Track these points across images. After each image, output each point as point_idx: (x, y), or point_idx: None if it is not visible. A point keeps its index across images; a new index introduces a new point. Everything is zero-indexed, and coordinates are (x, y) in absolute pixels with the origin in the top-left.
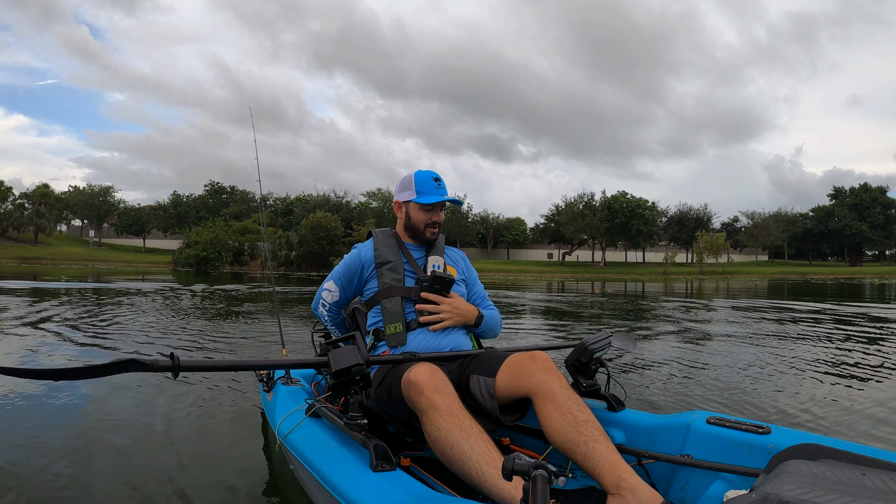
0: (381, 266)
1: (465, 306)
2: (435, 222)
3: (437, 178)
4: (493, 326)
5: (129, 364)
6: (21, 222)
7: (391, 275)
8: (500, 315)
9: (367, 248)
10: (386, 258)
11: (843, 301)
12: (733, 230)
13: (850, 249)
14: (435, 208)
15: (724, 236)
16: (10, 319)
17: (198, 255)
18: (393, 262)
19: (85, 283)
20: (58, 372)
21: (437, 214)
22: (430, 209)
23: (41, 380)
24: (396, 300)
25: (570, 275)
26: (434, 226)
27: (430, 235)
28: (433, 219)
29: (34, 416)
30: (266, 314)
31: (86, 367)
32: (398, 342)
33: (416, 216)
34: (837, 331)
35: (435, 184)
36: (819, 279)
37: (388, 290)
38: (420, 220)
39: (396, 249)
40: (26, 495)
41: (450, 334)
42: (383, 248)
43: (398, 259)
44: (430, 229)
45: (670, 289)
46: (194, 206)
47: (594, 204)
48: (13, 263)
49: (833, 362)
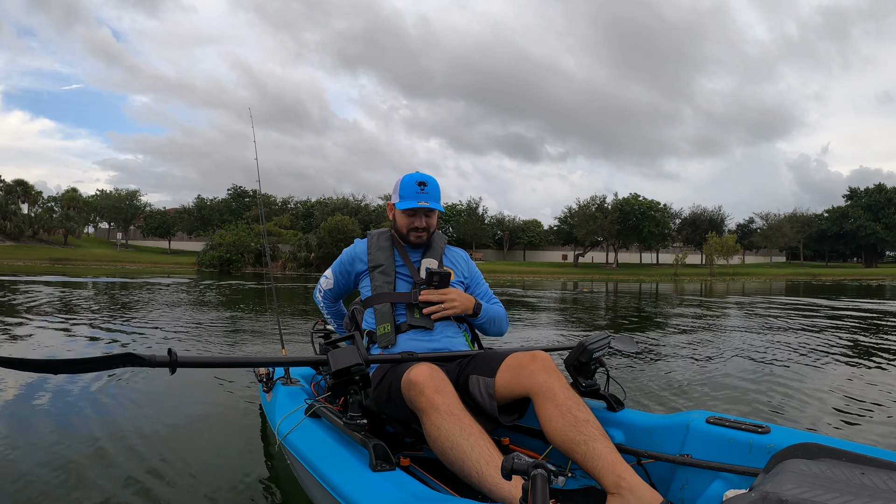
0: (373, 270)
1: (462, 296)
2: (418, 227)
3: (423, 182)
4: (496, 320)
5: (126, 358)
6: (51, 225)
7: (382, 278)
8: (505, 312)
9: (362, 247)
10: (377, 262)
11: (832, 297)
12: (748, 231)
13: (867, 251)
14: (417, 213)
15: (734, 238)
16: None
17: (221, 256)
18: (384, 266)
19: (121, 279)
20: (55, 364)
21: (420, 220)
22: (412, 214)
23: (39, 372)
24: (386, 304)
25: (580, 276)
26: (417, 231)
27: (415, 239)
28: (415, 224)
29: (30, 414)
30: (270, 313)
31: (83, 360)
32: (387, 342)
33: (400, 221)
34: (803, 322)
35: (418, 188)
36: (824, 280)
37: (379, 296)
38: (402, 224)
39: (390, 252)
40: (21, 494)
41: (441, 335)
42: (376, 252)
43: (390, 262)
44: (413, 234)
45: (672, 288)
46: (218, 209)
47: (606, 206)
48: (46, 264)
49: (797, 348)
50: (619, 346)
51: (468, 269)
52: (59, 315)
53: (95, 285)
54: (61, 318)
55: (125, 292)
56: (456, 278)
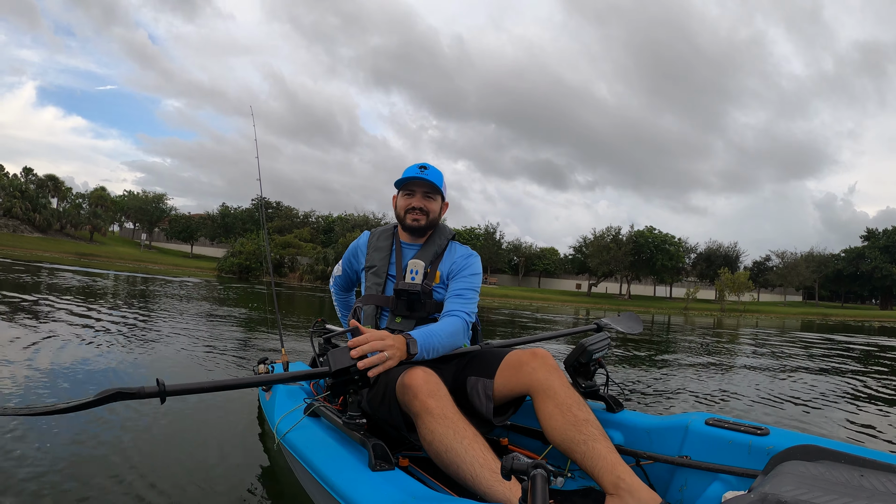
0: (368, 270)
1: (378, 343)
2: (414, 207)
3: (425, 166)
4: (441, 341)
5: (115, 395)
6: (78, 221)
7: (373, 279)
8: (461, 320)
9: (363, 242)
10: (372, 262)
11: (825, 335)
12: (764, 269)
13: (883, 293)
14: (415, 193)
15: (746, 275)
16: None
17: (241, 263)
18: (377, 267)
19: (142, 274)
20: (47, 411)
21: (417, 199)
22: (409, 194)
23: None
24: (372, 306)
25: (592, 305)
26: (414, 211)
27: (412, 222)
28: (412, 204)
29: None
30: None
31: (74, 405)
32: None
33: (399, 204)
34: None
35: (418, 170)
36: (828, 320)
37: (366, 297)
38: (401, 206)
39: (387, 252)
40: (21, 493)
41: None
42: (373, 252)
43: (383, 264)
44: (409, 215)
45: (676, 322)
46: (241, 218)
47: (621, 237)
48: (73, 258)
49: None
50: (623, 327)
51: (464, 267)
52: (83, 300)
53: (117, 277)
54: (85, 303)
55: (147, 287)
56: (440, 282)
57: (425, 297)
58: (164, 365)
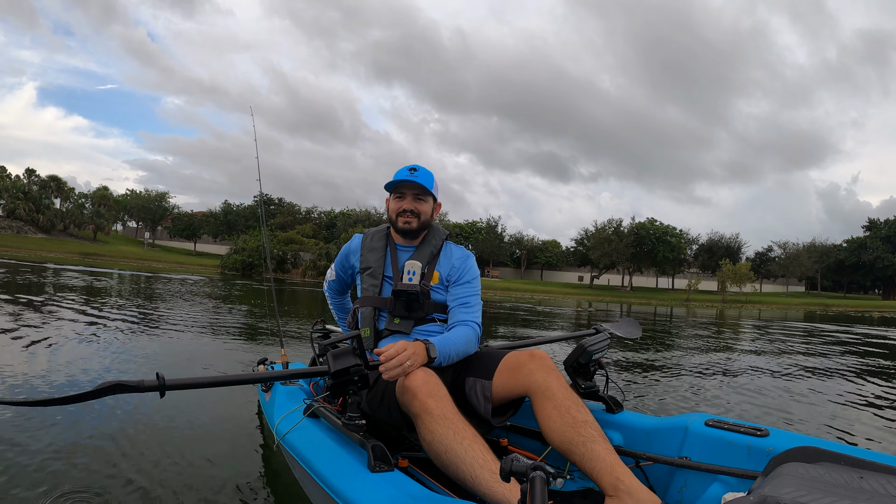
0: (363, 272)
1: (405, 353)
2: (406, 210)
3: (415, 168)
4: (457, 348)
5: (115, 388)
6: (81, 220)
7: (369, 280)
8: (473, 330)
9: (356, 244)
10: (367, 264)
11: (818, 322)
12: (766, 260)
13: (885, 283)
14: (405, 195)
15: (747, 266)
16: None
17: (244, 260)
18: (373, 269)
19: (145, 273)
20: (47, 401)
21: (408, 201)
22: (400, 197)
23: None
24: (369, 308)
25: (593, 297)
26: (405, 214)
27: (403, 225)
28: (403, 206)
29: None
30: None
31: (74, 396)
32: (369, 346)
33: (391, 207)
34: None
35: (408, 172)
36: (827, 311)
37: (363, 299)
38: (393, 209)
39: (381, 253)
40: (20, 491)
41: (427, 338)
42: (367, 253)
43: (378, 265)
44: (401, 218)
45: (674, 313)
46: (243, 215)
47: (622, 230)
48: (77, 258)
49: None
50: (622, 332)
51: (462, 269)
52: (86, 297)
53: (121, 276)
54: (88, 300)
55: (149, 285)
56: (439, 282)
57: (424, 298)
58: (165, 361)
